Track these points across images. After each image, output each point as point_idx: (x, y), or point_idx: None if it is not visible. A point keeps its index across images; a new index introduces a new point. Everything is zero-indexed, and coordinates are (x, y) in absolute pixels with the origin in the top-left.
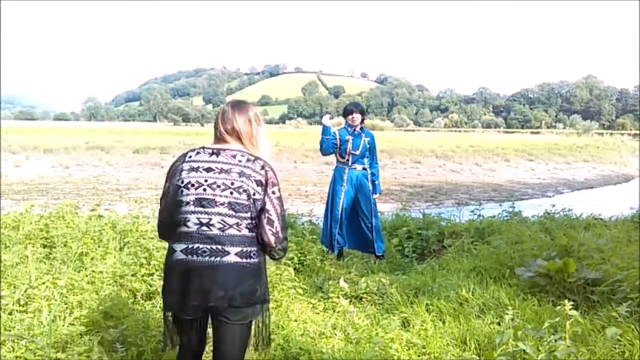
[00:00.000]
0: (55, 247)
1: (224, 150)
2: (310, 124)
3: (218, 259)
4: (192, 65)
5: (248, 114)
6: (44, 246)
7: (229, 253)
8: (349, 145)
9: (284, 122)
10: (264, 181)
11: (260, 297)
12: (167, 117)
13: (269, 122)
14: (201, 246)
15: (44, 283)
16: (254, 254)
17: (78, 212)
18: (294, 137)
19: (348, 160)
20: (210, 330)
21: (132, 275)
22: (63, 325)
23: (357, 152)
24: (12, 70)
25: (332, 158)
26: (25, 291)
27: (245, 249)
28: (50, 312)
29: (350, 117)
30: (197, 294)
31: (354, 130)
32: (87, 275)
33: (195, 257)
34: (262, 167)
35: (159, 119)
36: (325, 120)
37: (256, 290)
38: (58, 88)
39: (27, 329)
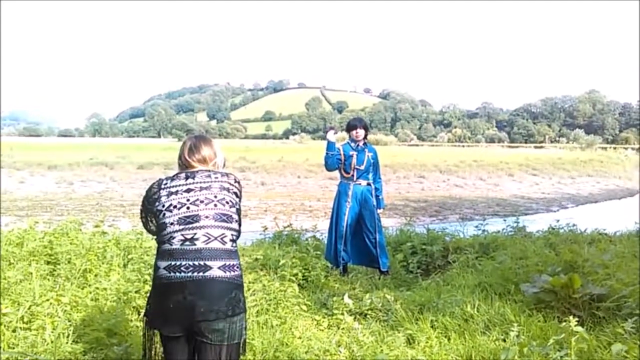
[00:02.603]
0: (59, 264)
1: (197, 171)
2: (314, 139)
3: (201, 274)
4: (196, 81)
5: (212, 144)
6: (48, 263)
7: (211, 268)
8: (354, 161)
9: (287, 138)
10: (238, 193)
11: (243, 306)
12: (172, 133)
13: (273, 137)
14: (184, 263)
15: (47, 300)
16: (236, 267)
17: (82, 228)
18: (298, 152)
19: (353, 175)
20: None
21: (136, 292)
22: (67, 343)
23: (362, 167)
24: (17, 87)
25: (336, 173)
26: (29, 308)
27: (227, 263)
28: (54, 329)
29: (353, 132)
30: (181, 310)
31: (358, 145)
32: (90, 292)
33: (177, 274)
34: (235, 180)
35: (163, 135)
36: (330, 135)
37: (240, 301)
38: (62, 104)
39: (30, 346)
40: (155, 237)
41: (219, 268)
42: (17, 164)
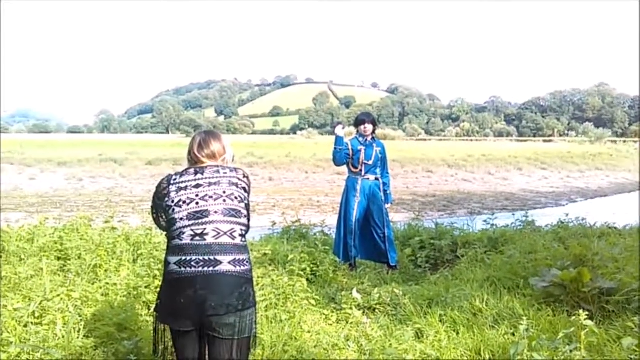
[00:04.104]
0: (69, 260)
1: (206, 167)
2: (322, 134)
3: (211, 268)
4: (203, 77)
5: (222, 140)
6: (59, 258)
7: (221, 262)
8: (362, 156)
9: (295, 133)
10: (247, 188)
11: (253, 300)
12: (180, 129)
13: (280, 132)
14: (194, 258)
15: (58, 295)
16: (246, 262)
17: (92, 224)
18: (306, 148)
19: (361, 170)
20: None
21: (146, 287)
22: (78, 338)
23: (370, 162)
24: (27, 84)
25: (344, 168)
26: (40, 303)
27: (237, 257)
28: (65, 324)
29: (361, 127)
30: (192, 305)
31: (366, 140)
32: (101, 288)
33: (188, 269)
34: (244, 175)
35: (172, 131)
36: (338, 130)
37: (250, 295)
38: (71, 101)
39: (42, 341)
40: (165, 232)
41: (229, 263)
42: (27, 160)
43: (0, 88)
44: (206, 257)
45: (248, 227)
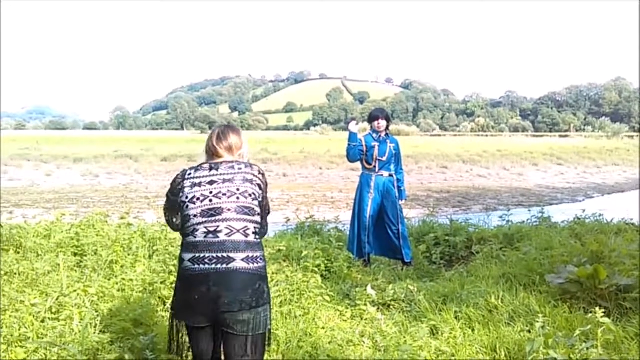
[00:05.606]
0: (86, 256)
1: (221, 163)
2: (335, 130)
3: (224, 266)
4: (218, 73)
5: (240, 133)
6: (75, 254)
7: (234, 260)
8: (376, 152)
9: (308, 129)
10: (262, 185)
11: (267, 297)
12: (194, 126)
13: (294, 128)
14: (207, 255)
15: (75, 291)
16: (260, 259)
17: (108, 220)
18: (319, 144)
19: (375, 166)
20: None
21: (161, 283)
22: (94, 333)
23: (384, 159)
24: (43, 82)
25: (357, 164)
26: (57, 299)
27: (251, 255)
28: (81, 319)
29: (375, 123)
30: (206, 301)
31: (380, 136)
32: (117, 283)
33: (202, 266)
34: (259, 172)
35: (186, 127)
36: (352, 126)
37: (264, 292)
38: (87, 98)
39: (59, 336)
40: (179, 231)
41: (242, 260)
42: (43, 157)
43: (0, 86)
44: (219, 255)
45: (262, 224)
